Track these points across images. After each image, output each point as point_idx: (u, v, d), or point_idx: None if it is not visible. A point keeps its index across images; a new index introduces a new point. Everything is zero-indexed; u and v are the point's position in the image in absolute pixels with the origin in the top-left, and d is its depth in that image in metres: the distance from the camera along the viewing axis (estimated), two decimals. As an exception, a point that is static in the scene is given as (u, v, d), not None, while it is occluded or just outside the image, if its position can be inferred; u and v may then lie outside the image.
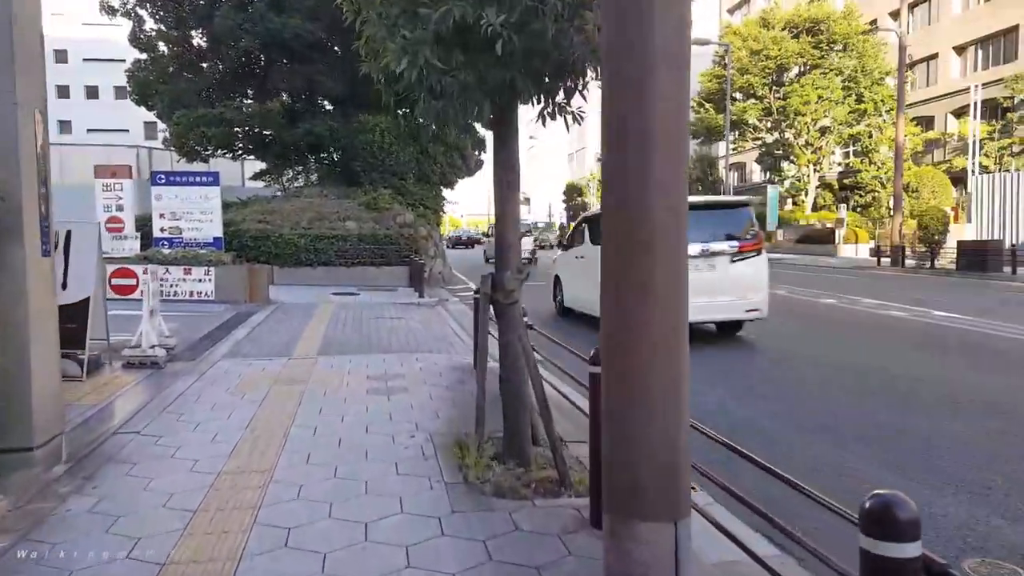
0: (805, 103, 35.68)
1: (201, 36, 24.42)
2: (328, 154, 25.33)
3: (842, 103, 35.54)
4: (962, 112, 33.84)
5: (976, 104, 28.97)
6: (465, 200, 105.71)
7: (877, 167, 36.01)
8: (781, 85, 37.34)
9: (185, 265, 13.86)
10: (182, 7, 23.51)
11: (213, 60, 24.79)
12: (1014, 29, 32.33)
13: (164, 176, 15.58)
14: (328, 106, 24.77)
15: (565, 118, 4.36)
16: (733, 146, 40.57)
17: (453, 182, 26.02)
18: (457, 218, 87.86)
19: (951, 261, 22.31)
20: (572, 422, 5.33)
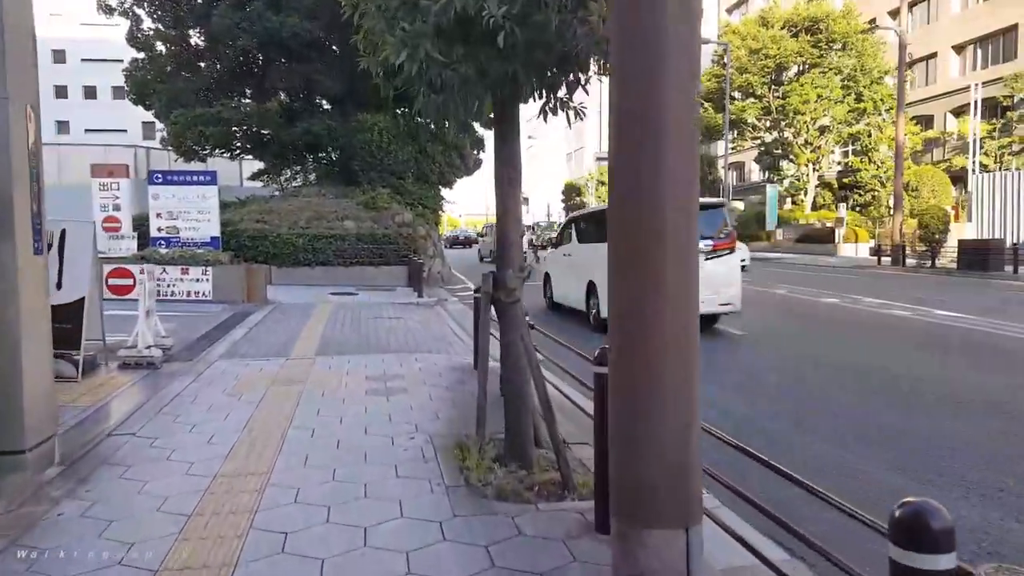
0: (804, 102, 35.61)
1: (199, 35, 24.33)
2: (326, 153, 25.25)
3: (841, 102, 35.46)
4: (961, 111, 33.79)
5: (976, 103, 28.90)
6: (464, 200, 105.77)
7: (877, 166, 35.94)
8: (780, 84, 37.28)
9: (182, 265, 13.77)
10: (180, 6, 23.43)
11: (211, 59, 24.71)
12: (1013, 28, 32.29)
13: (161, 175, 15.49)
14: (326, 105, 24.67)
15: (567, 113, 4.28)
16: (732, 145, 40.50)
17: (452, 181, 25.93)
18: (456, 218, 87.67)
19: (952, 260, 22.25)
20: (574, 423, 5.24)
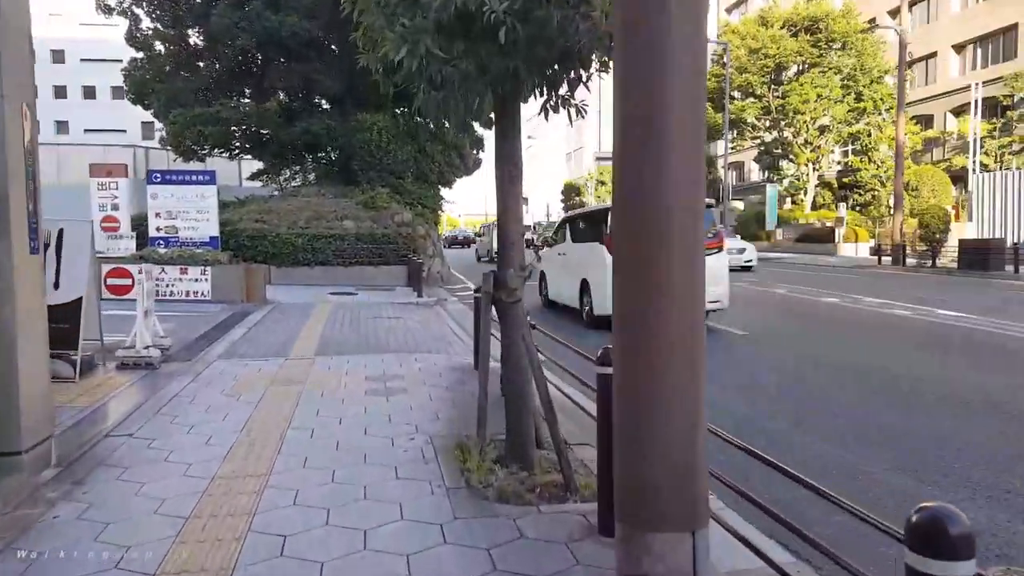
0: (804, 102, 35.56)
1: (198, 35, 24.26)
2: (325, 153, 25.19)
3: (841, 101, 35.41)
4: (961, 110, 33.74)
5: (977, 102, 28.84)
6: (464, 200, 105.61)
7: (877, 166, 35.89)
8: (780, 84, 37.23)
9: (181, 265, 13.72)
10: (178, 6, 23.36)
11: (210, 59, 24.64)
12: (1013, 27, 32.25)
13: (160, 175, 15.44)
14: (325, 105, 24.60)
15: (569, 111, 4.23)
16: (732, 145, 40.44)
17: (451, 181, 25.87)
18: (455, 218, 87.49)
19: (952, 260, 22.20)
20: (575, 423, 5.20)
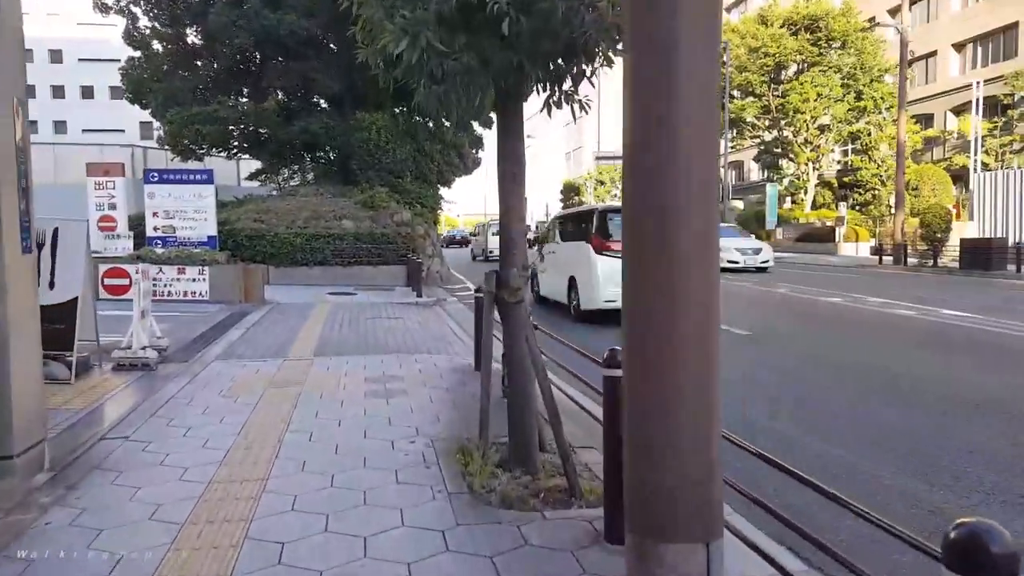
0: (804, 101, 35.49)
1: (195, 33, 24.15)
2: (324, 152, 25.09)
3: (841, 100, 35.34)
4: (962, 110, 33.68)
5: (978, 100, 28.73)
6: (463, 200, 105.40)
7: (877, 165, 35.82)
8: (779, 83, 37.16)
9: (179, 264, 13.63)
10: (176, 4, 23.25)
11: (208, 58, 24.55)
12: (1013, 26, 32.19)
13: (157, 174, 15.34)
14: (324, 104, 24.49)
15: (572, 107, 4.14)
16: (731, 144, 40.38)
17: (450, 180, 25.78)
18: (454, 218, 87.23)
19: (953, 259, 22.12)
20: (577, 424, 5.12)
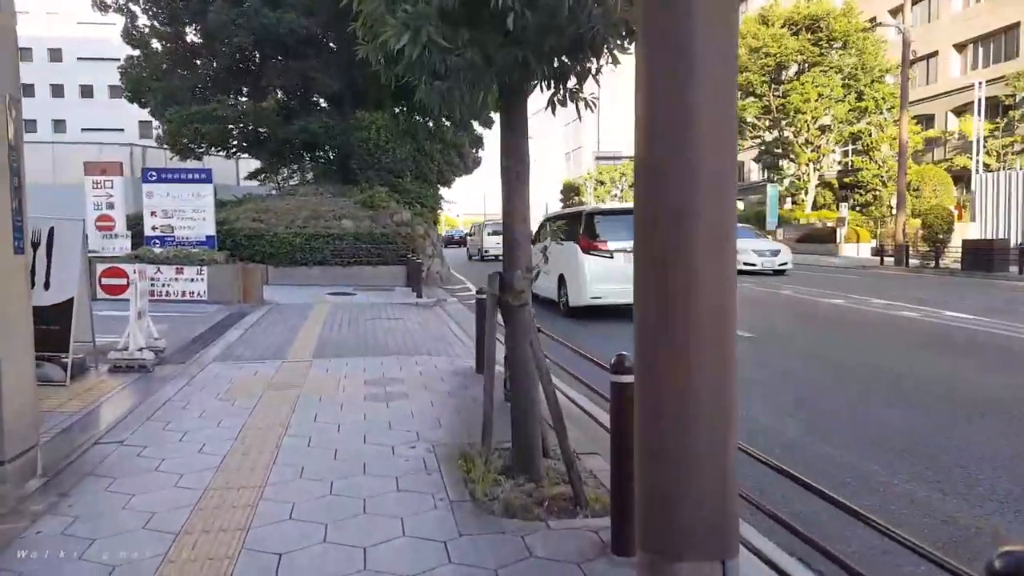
0: (805, 101, 35.38)
1: (195, 32, 24.04)
2: (324, 152, 24.99)
3: (842, 101, 35.22)
4: (963, 110, 33.58)
5: (980, 101, 28.63)
6: (463, 200, 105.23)
7: (878, 165, 35.71)
8: (780, 83, 37.05)
9: (177, 264, 13.52)
10: (175, 3, 23.13)
11: (207, 56, 24.44)
12: (1015, 27, 32.10)
13: (155, 173, 15.22)
14: (324, 103, 24.41)
15: (577, 105, 4.05)
16: (732, 144, 40.18)
17: (450, 180, 25.68)
18: (454, 218, 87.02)
19: (955, 260, 22.04)
20: (581, 430, 5.03)
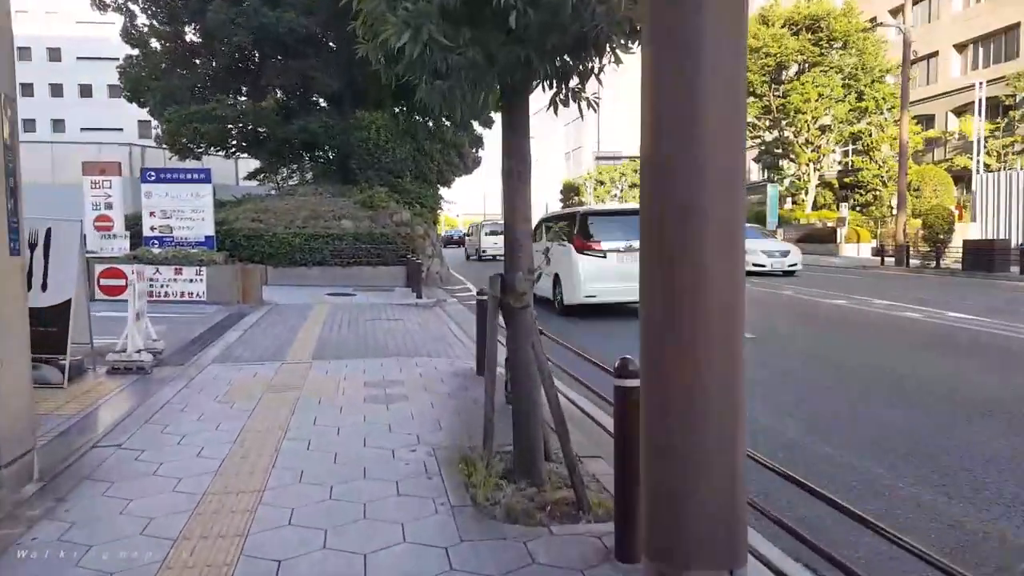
0: (805, 101, 35.31)
1: (194, 31, 24.00)
2: (323, 152, 24.94)
3: (842, 101, 35.16)
4: (963, 110, 33.54)
5: (980, 101, 28.59)
6: (463, 200, 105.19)
7: (878, 165, 35.67)
8: (780, 83, 36.97)
9: (176, 265, 13.47)
10: (174, 2, 23.10)
11: (206, 56, 24.39)
12: (1015, 27, 32.07)
13: (154, 173, 15.17)
14: (323, 103, 24.36)
15: (579, 105, 4.00)
16: (732, 144, 40.10)
17: (450, 180, 25.63)
18: (453, 218, 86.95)
19: (956, 260, 22.01)
20: (583, 433, 4.98)
